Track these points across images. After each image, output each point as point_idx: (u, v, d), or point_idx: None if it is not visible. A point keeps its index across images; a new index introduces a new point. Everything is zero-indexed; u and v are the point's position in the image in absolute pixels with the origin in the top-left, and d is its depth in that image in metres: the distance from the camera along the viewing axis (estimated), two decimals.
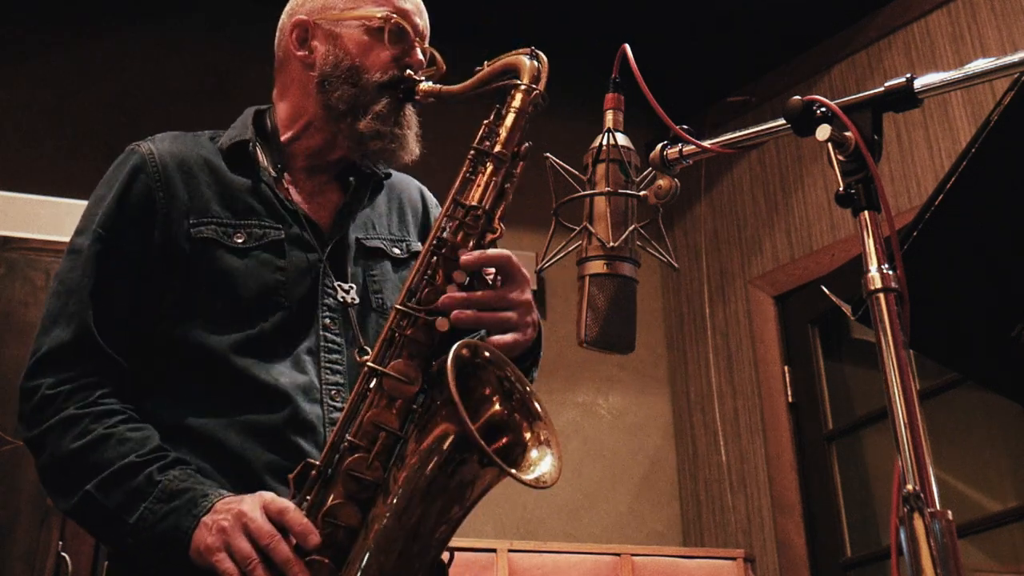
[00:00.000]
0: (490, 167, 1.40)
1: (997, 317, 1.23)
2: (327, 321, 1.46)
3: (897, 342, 0.97)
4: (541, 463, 1.26)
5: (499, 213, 1.40)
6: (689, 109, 4.16)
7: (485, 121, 1.43)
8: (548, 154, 1.37)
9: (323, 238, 1.51)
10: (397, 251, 1.59)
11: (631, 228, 1.26)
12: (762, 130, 1.20)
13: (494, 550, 3.20)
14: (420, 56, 1.55)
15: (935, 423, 3.36)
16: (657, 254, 1.31)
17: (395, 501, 1.23)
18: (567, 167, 1.32)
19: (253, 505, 1.24)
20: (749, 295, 4.00)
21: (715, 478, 3.93)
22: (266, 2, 1.87)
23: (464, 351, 1.25)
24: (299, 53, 1.57)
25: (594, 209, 1.27)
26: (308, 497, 1.28)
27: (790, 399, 3.76)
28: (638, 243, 1.27)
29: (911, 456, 0.92)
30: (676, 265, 1.37)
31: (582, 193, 1.29)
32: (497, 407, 1.29)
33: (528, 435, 1.28)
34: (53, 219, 3.18)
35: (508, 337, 1.34)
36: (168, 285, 1.42)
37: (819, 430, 3.67)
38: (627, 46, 1.26)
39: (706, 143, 1.23)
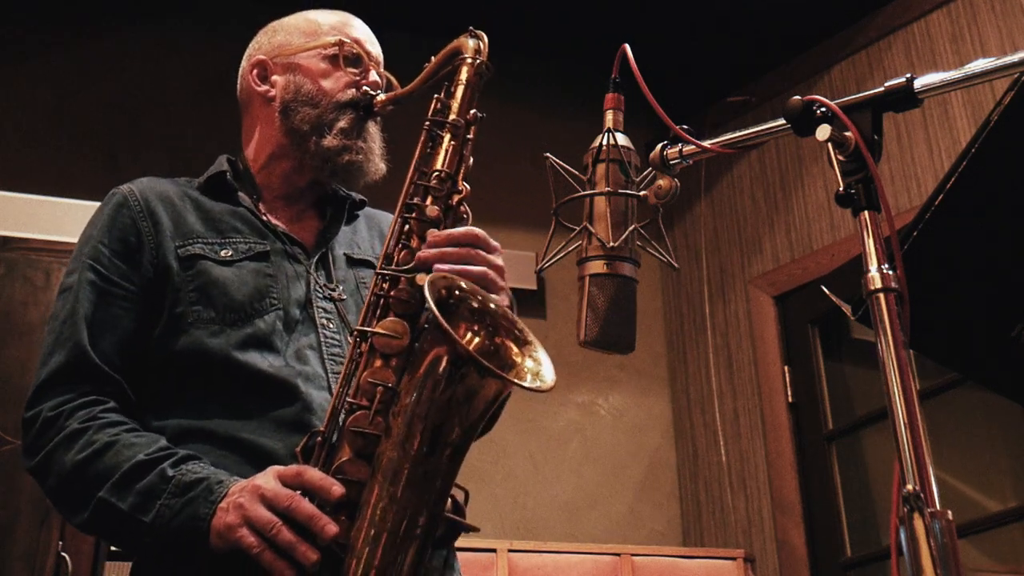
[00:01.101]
0: (447, 135, 1.46)
1: (997, 317, 1.23)
2: (324, 320, 1.48)
3: (897, 342, 0.97)
4: (538, 371, 1.30)
5: (462, 174, 1.45)
6: (689, 109, 4.16)
7: (436, 95, 1.50)
8: (548, 154, 1.37)
9: (307, 253, 1.55)
10: None
11: (631, 228, 1.26)
12: (762, 130, 1.20)
13: (494, 550, 3.20)
14: (375, 77, 1.61)
15: (935, 423, 3.36)
16: (657, 254, 1.31)
17: (396, 433, 1.25)
18: (567, 167, 1.32)
19: (266, 477, 1.25)
20: (749, 295, 4.00)
21: (715, 478, 3.93)
22: (266, 2, 1.88)
23: (441, 281, 1.28)
24: (260, 89, 1.62)
25: (594, 209, 1.27)
26: (316, 466, 1.28)
27: (790, 399, 3.76)
28: (638, 243, 1.27)
29: (911, 456, 0.92)
30: (676, 265, 1.37)
31: (582, 193, 1.29)
32: (481, 335, 1.32)
33: (516, 352, 1.32)
34: (53, 219, 3.18)
35: (493, 297, 1.36)
36: (161, 305, 1.44)
37: (819, 430, 3.67)
38: (627, 46, 1.26)
39: (706, 143, 1.23)
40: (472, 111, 1.49)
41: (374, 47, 1.65)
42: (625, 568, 3.27)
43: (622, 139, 1.29)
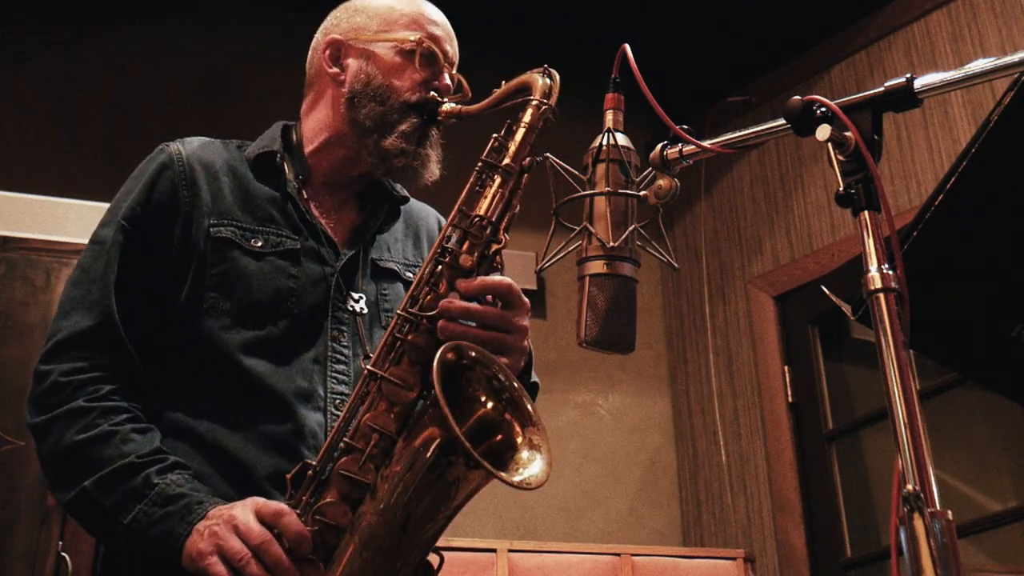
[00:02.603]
0: (497, 179, 1.42)
1: (997, 317, 1.23)
2: (335, 332, 1.47)
3: (897, 342, 0.97)
4: (530, 464, 1.27)
5: (504, 224, 1.41)
6: (689, 109, 4.16)
7: (495, 135, 1.46)
8: (548, 154, 1.37)
9: (337, 252, 1.53)
10: (410, 275, 1.60)
11: (631, 228, 1.26)
12: (762, 130, 1.20)
13: (494, 550, 3.20)
14: (448, 81, 1.58)
15: (935, 423, 3.36)
16: (657, 254, 1.31)
17: (380, 498, 1.25)
18: (567, 167, 1.32)
19: (244, 510, 1.26)
20: (749, 295, 4.00)
21: (715, 478, 3.93)
22: (266, 2, 1.88)
23: (449, 353, 1.26)
24: (331, 70, 1.59)
25: (594, 209, 1.27)
26: (304, 497, 1.29)
27: (790, 399, 3.76)
28: (638, 243, 1.27)
29: (911, 456, 0.92)
30: (676, 265, 1.37)
31: (582, 193, 1.29)
32: (487, 406, 1.30)
33: (519, 435, 1.29)
34: (53, 219, 3.18)
35: (501, 360, 1.35)
36: (184, 281, 1.44)
37: (819, 430, 3.67)
38: (627, 46, 1.26)
39: (706, 143, 1.23)
40: (528, 158, 1.44)
41: (452, 46, 1.62)
42: (625, 568, 3.27)
43: (622, 139, 1.29)
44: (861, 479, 3.64)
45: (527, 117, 1.46)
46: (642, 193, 1.27)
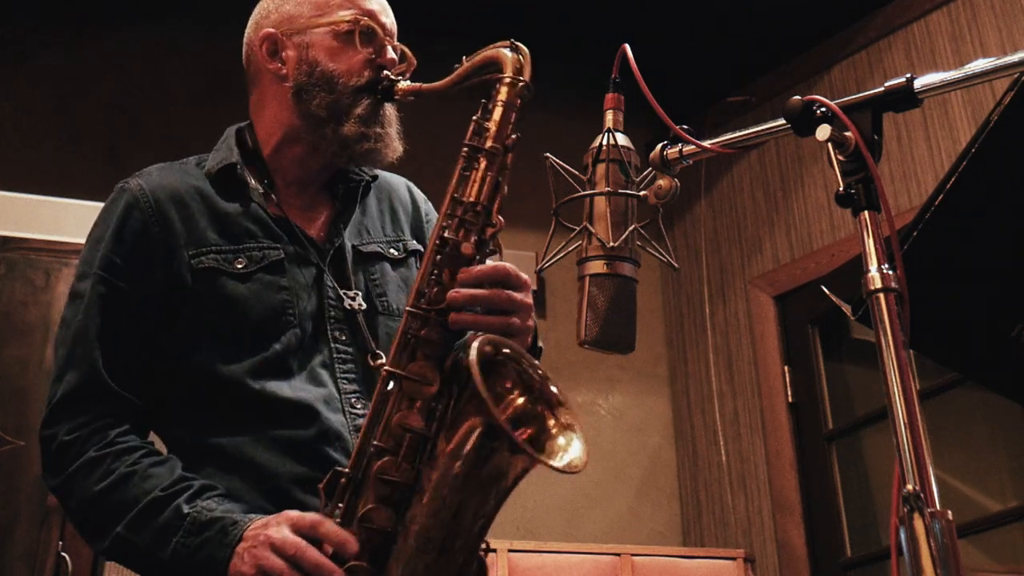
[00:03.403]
0: (483, 162, 1.40)
1: (997, 317, 1.23)
2: (336, 333, 1.47)
3: (897, 342, 0.97)
4: (569, 448, 1.28)
5: (496, 206, 1.40)
6: (689, 109, 4.16)
7: (474, 117, 1.43)
8: (548, 154, 1.37)
9: (320, 250, 1.52)
10: (394, 251, 1.59)
11: (631, 228, 1.26)
12: (762, 130, 1.20)
13: (494, 550, 3.20)
14: (392, 54, 1.54)
15: (935, 423, 3.36)
16: (657, 254, 1.31)
17: (431, 500, 1.24)
18: (567, 167, 1.32)
19: (279, 527, 1.25)
20: (749, 295, 4.00)
21: (715, 478, 3.93)
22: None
23: (487, 347, 1.26)
24: (271, 66, 1.55)
25: (594, 209, 1.27)
26: (340, 505, 1.28)
27: (790, 399, 3.76)
28: (638, 243, 1.27)
29: (911, 456, 0.92)
30: (676, 265, 1.37)
31: (582, 193, 1.29)
32: (520, 400, 1.30)
33: (552, 423, 1.30)
34: (53, 219, 3.18)
35: (536, 363, 1.35)
36: (175, 318, 1.43)
37: (819, 430, 3.67)
38: (627, 46, 1.26)
39: (706, 143, 1.23)
40: (510, 137, 1.42)
41: (388, 18, 1.58)
42: (625, 568, 3.27)
43: (622, 139, 1.29)
44: (861, 479, 3.64)
45: (503, 96, 1.42)
46: (642, 193, 1.27)
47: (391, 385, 1.32)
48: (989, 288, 1.24)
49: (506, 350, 1.29)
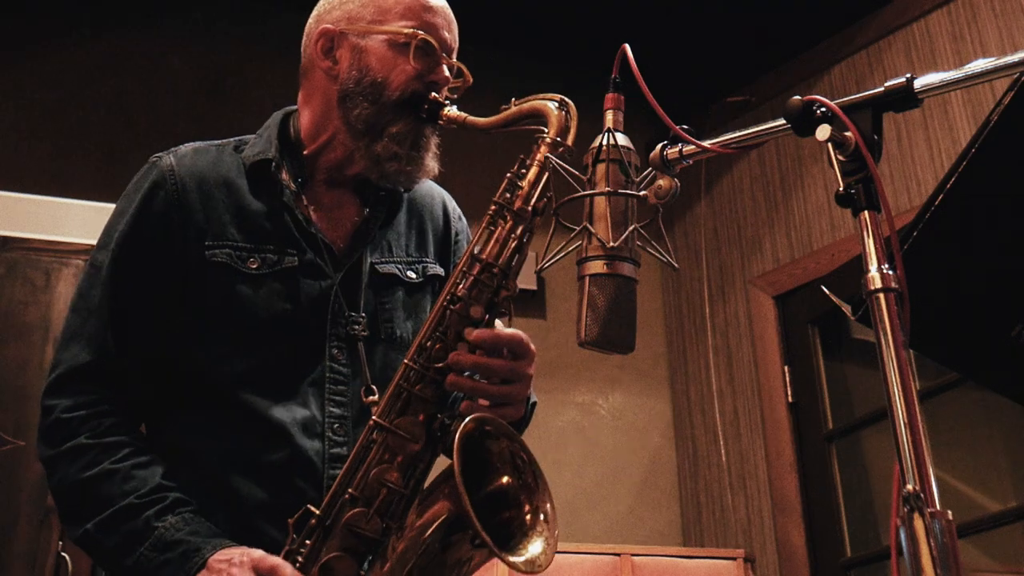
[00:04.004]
0: (510, 223, 1.38)
1: (997, 317, 1.23)
2: (335, 351, 1.46)
3: (897, 342, 0.97)
4: (537, 541, 1.29)
5: (514, 270, 1.38)
6: (689, 109, 4.16)
7: (508, 173, 1.41)
8: (548, 154, 1.37)
9: (337, 263, 1.50)
10: (412, 274, 1.57)
11: (631, 228, 1.26)
12: (762, 130, 1.20)
13: None
14: (446, 72, 1.51)
15: (935, 423, 3.36)
16: (657, 254, 1.31)
17: (391, 570, 1.25)
18: (567, 167, 1.32)
19: (242, 567, 1.25)
20: (749, 295, 4.00)
21: (715, 478, 3.93)
22: (266, 2, 1.87)
23: (471, 425, 1.25)
24: (323, 63, 1.53)
25: (594, 209, 1.27)
26: (306, 543, 1.29)
27: (790, 399, 3.76)
28: (638, 243, 1.27)
29: (911, 456, 0.92)
30: (676, 265, 1.37)
31: (582, 193, 1.28)
32: (502, 479, 1.31)
33: (528, 511, 1.31)
34: (53, 219, 3.18)
35: (503, 411, 1.36)
36: (181, 308, 1.43)
37: (819, 430, 3.67)
38: (627, 46, 1.25)
39: (706, 143, 1.23)
40: (543, 199, 1.39)
41: (450, 32, 1.54)
42: (625, 568, 3.27)
43: (622, 139, 1.29)
44: (861, 479, 3.64)
45: (541, 156, 1.40)
46: (642, 193, 1.27)
47: (375, 434, 1.32)
48: (989, 288, 1.24)
49: (491, 427, 1.29)
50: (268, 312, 1.43)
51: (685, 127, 1.23)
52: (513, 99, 1.46)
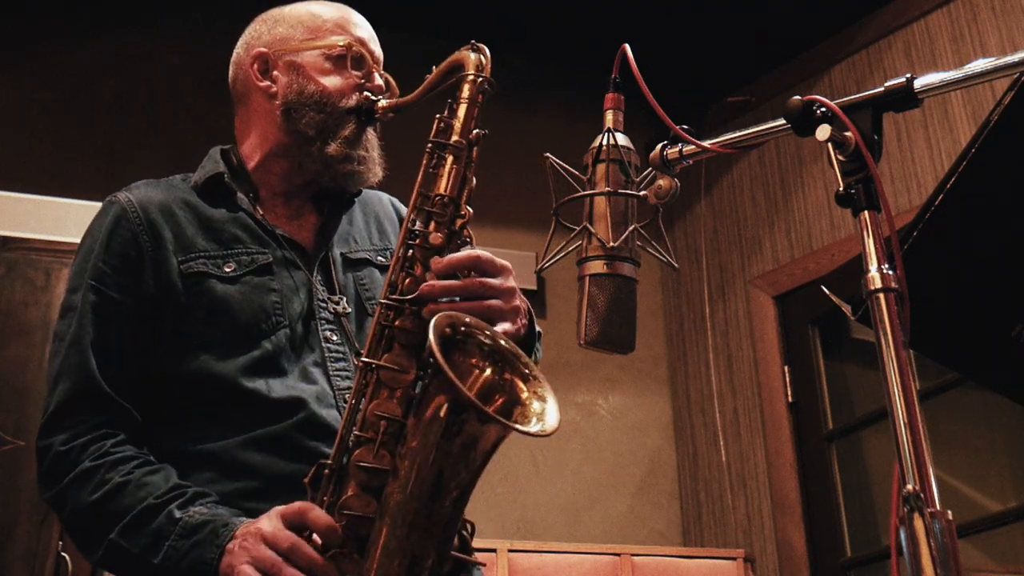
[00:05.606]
0: (449, 157, 1.44)
1: (997, 317, 1.23)
2: (327, 333, 1.49)
3: (897, 342, 0.97)
4: (541, 413, 1.30)
5: (464, 198, 1.43)
6: (689, 109, 4.16)
7: (438, 115, 1.48)
8: (548, 154, 1.37)
9: (308, 257, 1.54)
10: (382, 259, 1.62)
11: (631, 228, 1.26)
12: (762, 130, 1.20)
13: (494, 550, 3.20)
14: (379, 81, 1.59)
15: (935, 423, 3.36)
16: (657, 254, 1.31)
17: (403, 476, 1.25)
18: (567, 167, 1.32)
19: (269, 520, 1.26)
20: (749, 295, 4.00)
21: (715, 478, 3.93)
22: (266, 3, 1.87)
23: (444, 322, 1.27)
24: (261, 84, 1.60)
25: (594, 209, 1.27)
26: (325, 498, 1.29)
27: (790, 399, 3.76)
28: (638, 243, 1.27)
29: (911, 456, 0.92)
30: (676, 265, 1.37)
31: (582, 193, 1.28)
32: (488, 372, 1.31)
33: (522, 391, 1.31)
34: (53, 219, 3.18)
35: (498, 328, 1.35)
36: (166, 323, 1.44)
37: (819, 430, 3.67)
38: (627, 46, 1.26)
39: (706, 143, 1.23)
40: (475, 131, 1.46)
41: (376, 46, 1.63)
42: (625, 568, 3.27)
43: (622, 139, 1.29)
44: (861, 479, 3.64)
45: (465, 92, 1.47)
46: (642, 193, 1.27)
47: (369, 376, 1.33)
48: (989, 288, 1.24)
49: (468, 321, 1.30)
50: (254, 306, 1.45)
51: (685, 127, 1.23)
52: (434, 66, 1.53)
